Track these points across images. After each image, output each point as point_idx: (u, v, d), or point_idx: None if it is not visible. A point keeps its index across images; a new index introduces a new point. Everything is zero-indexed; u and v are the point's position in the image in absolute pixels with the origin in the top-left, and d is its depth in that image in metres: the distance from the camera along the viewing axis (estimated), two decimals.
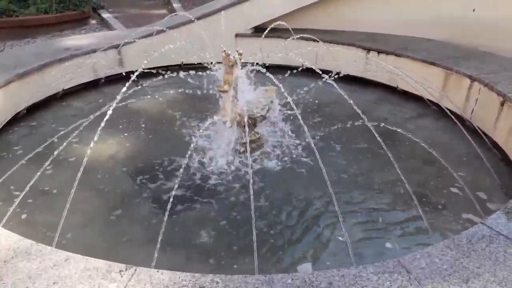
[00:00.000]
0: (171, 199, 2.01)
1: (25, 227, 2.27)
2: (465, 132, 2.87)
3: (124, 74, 4.20)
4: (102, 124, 2.19)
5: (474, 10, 4.58)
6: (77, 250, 1.67)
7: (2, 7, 7.79)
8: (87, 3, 8.92)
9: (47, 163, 2.21)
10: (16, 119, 3.54)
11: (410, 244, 2.19)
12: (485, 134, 3.18)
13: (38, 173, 2.18)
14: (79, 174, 2.02)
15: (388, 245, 2.18)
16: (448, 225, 2.32)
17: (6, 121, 3.41)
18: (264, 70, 2.69)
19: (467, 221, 2.34)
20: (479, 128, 3.20)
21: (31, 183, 2.12)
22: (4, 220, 2.02)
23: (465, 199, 2.48)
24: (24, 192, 2.09)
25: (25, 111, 3.63)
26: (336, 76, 2.92)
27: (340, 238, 2.20)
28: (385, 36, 4.77)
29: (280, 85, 2.55)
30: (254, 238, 1.84)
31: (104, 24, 8.52)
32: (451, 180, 2.57)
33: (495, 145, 3.12)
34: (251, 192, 2.03)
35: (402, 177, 2.24)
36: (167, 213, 1.96)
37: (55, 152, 2.25)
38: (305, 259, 2.09)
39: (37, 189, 2.55)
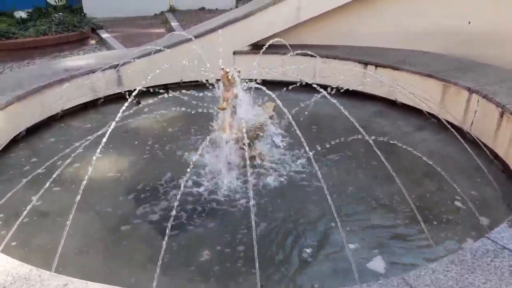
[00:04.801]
0: (171, 219, 1.99)
1: (24, 251, 2.24)
2: (465, 144, 2.86)
3: (123, 93, 4.24)
4: (102, 144, 2.18)
5: (469, 23, 4.63)
6: (76, 274, 1.65)
7: (1, 30, 7.88)
8: (86, 23, 9.03)
9: (46, 185, 2.20)
10: (16, 141, 3.53)
11: (414, 260, 2.16)
12: (486, 146, 3.17)
13: (37, 196, 2.16)
14: (78, 196, 2.01)
15: (391, 261, 2.15)
16: (451, 239, 2.30)
17: (6, 143, 3.40)
18: (261, 87, 2.70)
19: (470, 235, 2.31)
20: (479, 139, 3.20)
21: (30, 206, 2.10)
22: (2, 245, 2.00)
23: (467, 212, 2.45)
24: (23, 216, 2.07)
25: (24, 133, 3.63)
26: (334, 91, 2.94)
27: (342, 254, 2.17)
28: (382, 50, 4.81)
29: (279, 102, 2.56)
30: (256, 258, 1.82)
31: (103, 44, 8.62)
32: (453, 192, 2.56)
33: (496, 156, 3.11)
34: (252, 209, 2.01)
35: (404, 191, 2.22)
36: (167, 234, 1.94)
37: (54, 175, 2.24)
38: (308, 277, 2.05)
39: (36, 212, 2.53)
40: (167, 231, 1.93)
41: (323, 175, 2.14)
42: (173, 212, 2.04)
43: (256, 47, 4.87)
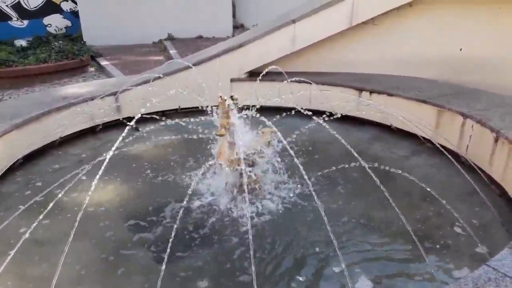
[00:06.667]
0: (168, 247, 1.98)
1: (19, 281, 2.20)
2: (461, 168, 2.88)
3: (122, 120, 4.27)
4: (100, 172, 2.18)
5: (461, 50, 4.75)
6: None
7: (2, 58, 7.99)
8: (85, 51, 9.17)
9: (43, 214, 2.18)
10: (13, 169, 3.52)
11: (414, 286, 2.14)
12: (482, 170, 3.19)
13: (34, 224, 2.14)
14: (75, 225, 1.99)
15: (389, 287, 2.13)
16: (451, 266, 2.28)
17: (3, 171, 3.39)
18: (257, 115, 2.73)
19: (470, 262, 2.29)
20: (475, 164, 3.22)
21: (26, 235, 2.08)
22: None
23: (466, 238, 2.45)
24: (18, 244, 2.05)
25: (22, 160, 3.62)
26: (330, 117, 2.97)
27: (343, 283, 2.14)
28: (376, 76, 4.90)
29: (275, 129, 2.59)
30: (255, 285, 1.80)
31: (103, 72, 8.73)
32: (451, 218, 2.55)
33: (492, 181, 3.12)
34: (250, 235, 2.00)
35: (401, 217, 2.22)
36: (164, 262, 1.92)
37: (52, 203, 2.22)
38: None
39: (32, 240, 2.49)
40: (164, 259, 1.91)
41: (320, 201, 2.14)
42: (171, 240, 2.02)
43: (253, 75, 4.95)
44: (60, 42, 9.63)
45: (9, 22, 10.93)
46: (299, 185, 3.08)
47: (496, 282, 1.64)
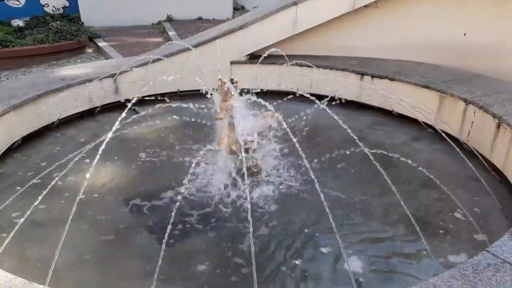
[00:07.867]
0: (167, 230, 1.97)
1: (17, 263, 2.20)
2: (462, 154, 2.86)
3: (121, 102, 4.23)
4: (98, 155, 2.16)
5: (465, 34, 4.68)
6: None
7: None
8: (83, 32, 9.04)
9: (41, 196, 2.16)
10: (11, 150, 3.50)
11: (414, 273, 2.14)
12: (483, 156, 3.18)
13: (32, 207, 2.13)
14: (74, 206, 1.98)
15: (391, 275, 2.13)
16: (451, 252, 2.28)
17: (1, 153, 3.37)
18: (257, 99, 2.70)
19: (470, 248, 2.29)
20: (476, 150, 3.20)
21: (25, 217, 2.07)
22: None
23: (466, 224, 2.44)
24: (16, 227, 2.04)
25: (20, 142, 3.60)
26: (331, 101, 2.93)
27: (341, 267, 2.15)
28: (379, 61, 4.83)
29: (276, 113, 2.56)
30: (254, 270, 1.80)
31: (101, 53, 8.62)
32: (451, 204, 2.55)
33: (493, 167, 3.11)
34: (250, 220, 1.99)
35: (402, 202, 2.21)
36: (164, 245, 1.91)
37: (49, 185, 2.20)
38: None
39: (30, 223, 2.48)
40: (163, 242, 1.91)
41: (320, 185, 2.12)
42: (170, 224, 2.01)
43: (253, 57, 4.89)
44: (58, 22, 9.49)
45: (5, 1, 10.74)
46: (299, 170, 3.07)
47: (495, 267, 1.64)
